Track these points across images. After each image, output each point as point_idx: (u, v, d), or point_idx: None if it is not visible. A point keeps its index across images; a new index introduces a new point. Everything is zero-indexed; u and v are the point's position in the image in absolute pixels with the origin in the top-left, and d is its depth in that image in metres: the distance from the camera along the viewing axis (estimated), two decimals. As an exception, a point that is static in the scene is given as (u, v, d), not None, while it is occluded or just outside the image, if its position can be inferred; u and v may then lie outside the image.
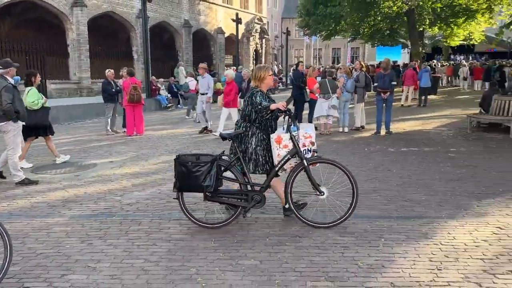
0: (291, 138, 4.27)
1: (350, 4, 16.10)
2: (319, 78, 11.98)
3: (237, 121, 4.71)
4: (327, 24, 20.40)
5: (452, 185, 5.77)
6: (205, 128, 10.96)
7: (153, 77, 18.73)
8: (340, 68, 11.82)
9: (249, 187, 4.37)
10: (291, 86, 14.03)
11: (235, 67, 24.30)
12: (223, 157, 4.37)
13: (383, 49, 37.77)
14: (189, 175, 4.14)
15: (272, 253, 3.75)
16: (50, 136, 7.51)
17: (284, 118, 4.41)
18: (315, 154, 4.41)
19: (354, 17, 18.60)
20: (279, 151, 4.31)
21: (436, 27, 24.71)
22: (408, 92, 16.87)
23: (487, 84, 20.89)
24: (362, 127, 11.00)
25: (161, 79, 19.61)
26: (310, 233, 4.17)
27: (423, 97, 16.53)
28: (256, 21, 34.88)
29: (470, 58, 38.79)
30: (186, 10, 26.89)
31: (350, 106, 11.16)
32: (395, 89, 11.32)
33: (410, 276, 3.28)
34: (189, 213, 4.40)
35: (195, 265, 3.54)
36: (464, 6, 21.29)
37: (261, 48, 36.56)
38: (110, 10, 21.06)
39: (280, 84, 29.80)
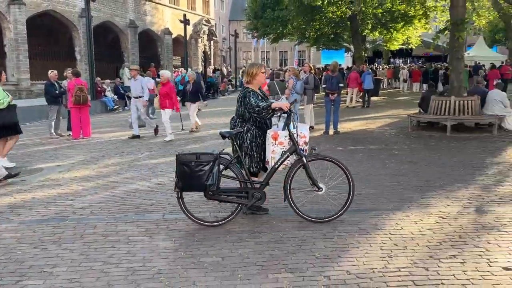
0: (290, 136, 4.33)
1: (296, 8, 16.54)
2: (268, 80, 12.18)
3: (232, 118, 4.72)
4: (275, 28, 20.81)
5: (397, 179, 6.14)
6: (135, 136, 10.17)
7: (98, 78, 18.13)
8: (289, 71, 12.11)
9: (249, 185, 4.40)
10: (240, 88, 14.12)
11: (182, 69, 24.10)
12: (222, 155, 4.39)
13: (327, 53, 39.10)
14: (192, 174, 4.13)
15: (233, 249, 3.82)
16: (18, 136, 7.22)
17: (280, 116, 4.46)
18: (313, 151, 4.50)
19: (300, 21, 19.12)
20: (274, 148, 4.36)
21: (377, 31, 25.99)
22: (352, 94, 17.60)
23: (425, 86, 22.23)
24: (312, 127, 11.34)
25: (107, 80, 19.02)
26: (269, 228, 4.29)
27: (366, 99, 17.32)
28: (204, 22, 34.77)
29: (409, 61, 41.09)
30: (131, 10, 26.26)
31: (300, 107, 11.47)
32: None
33: (364, 264, 3.49)
34: (190, 212, 4.38)
35: (156, 265, 3.54)
36: (403, 12, 22.57)
37: (210, 50, 36.49)
38: (50, 8, 20.13)
39: (229, 86, 29.91)
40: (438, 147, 8.71)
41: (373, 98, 20.07)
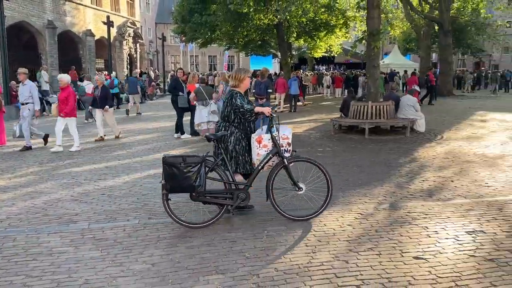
0: (272, 138, 4.53)
1: (224, 14, 16.71)
2: (197, 85, 12.18)
3: (217, 121, 4.80)
4: (203, 32, 20.80)
5: (321, 180, 6.49)
6: (27, 147, 9.23)
7: (13, 82, 16.81)
8: (219, 76, 12.22)
9: (233, 186, 4.52)
10: (168, 93, 13.92)
11: (106, 72, 23.17)
12: (207, 158, 4.45)
13: (256, 58, 39.80)
14: (180, 176, 4.21)
15: (164, 255, 3.82)
16: None
17: (262, 119, 4.51)
18: (294, 153, 4.71)
19: (228, 27, 19.32)
20: (258, 151, 4.56)
21: (302, 39, 27.03)
22: (280, 99, 18.16)
23: (346, 92, 23.54)
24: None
25: (23, 84, 17.67)
26: (200, 232, 4.34)
27: (293, 104, 17.96)
28: (129, 24, 33.71)
29: (331, 68, 43.14)
30: (49, 10, 24.71)
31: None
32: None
33: (290, 261, 3.68)
34: (175, 215, 4.43)
35: (83, 275, 3.43)
36: (325, 21, 23.73)
37: (136, 53, 35.43)
38: (-46, 4, 18.24)
39: (157, 90, 29.28)
40: (358, 149, 9.32)
41: (299, 103, 20.89)
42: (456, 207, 5.09)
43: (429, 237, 4.20)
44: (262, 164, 4.56)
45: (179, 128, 10.82)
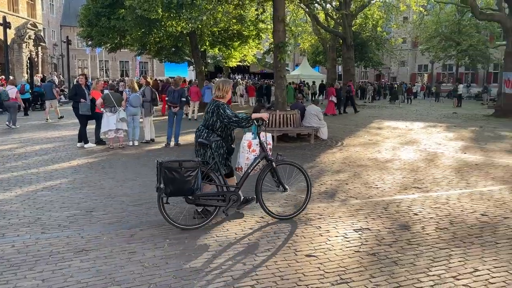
0: (260, 144, 4.90)
1: (133, 19, 16.28)
2: (106, 91, 11.71)
3: (198, 128, 5.03)
4: (112, 37, 20.00)
5: (228, 187, 6.64)
6: None
7: None
8: (125, 82, 11.89)
9: (225, 189, 4.78)
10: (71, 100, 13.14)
11: (3, 77, 21.28)
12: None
13: (171, 65, 39.31)
14: (181, 180, 4.40)
15: (56, 270, 3.65)
16: None
17: (251, 126, 4.85)
18: (279, 157, 5.09)
19: (138, 33, 18.84)
20: (248, 155, 4.91)
21: (217, 48, 27.30)
22: (194, 107, 18.12)
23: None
24: (152, 140, 11.32)
25: None
26: (97, 245, 4.20)
27: (206, 111, 18.04)
28: (30, 26, 31.22)
29: (246, 77, 44.09)
30: None
31: (140, 120, 11.32)
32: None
33: (190, 267, 3.73)
34: (169, 217, 4.56)
35: (-41, 299, 3.15)
36: (238, 31, 24.25)
37: (37, 57, 32.88)
38: None
39: (62, 96, 27.46)
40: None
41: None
42: (347, 208, 5.55)
43: (321, 236, 4.53)
44: (251, 168, 4.89)
45: (82, 137, 10.29)
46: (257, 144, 4.95)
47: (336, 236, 4.53)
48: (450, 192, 6.45)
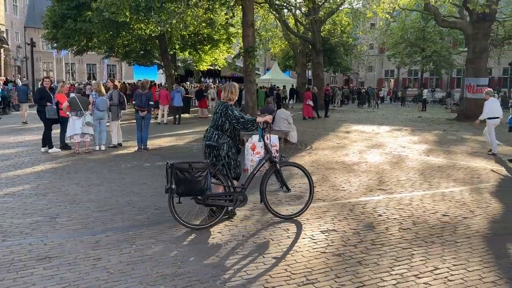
0: (265, 146, 5.06)
1: (100, 22, 15.97)
2: (73, 94, 11.43)
3: (207, 130, 5.17)
4: (78, 39, 19.52)
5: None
6: None
7: None
8: (91, 85, 11.65)
9: (232, 189, 4.96)
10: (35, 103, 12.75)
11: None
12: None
13: (140, 69, 38.76)
14: (192, 180, 4.58)
15: (17, 278, 3.54)
16: None
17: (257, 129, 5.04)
18: (283, 159, 5.32)
19: (106, 35, 18.50)
20: (252, 157, 5.09)
21: (187, 51, 27.14)
22: (164, 111, 17.94)
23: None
24: (120, 144, 11.12)
25: None
26: (60, 252, 4.10)
27: (177, 116, 17.89)
28: (-8, 27, 30.14)
29: (217, 81, 44.01)
30: None
31: (107, 123, 11.11)
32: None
33: (156, 272, 3.70)
34: (180, 217, 4.73)
35: None
36: (208, 35, 24.21)
37: None
38: None
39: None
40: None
41: (184, 115, 20.90)
42: (315, 210, 5.64)
43: (289, 238, 4.60)
44: (257, 169, 5.06)
45: (46, 141, 10.00)
46: (261, 147, 5.13)
47: (304, 238, 4.60)
48: (414, 193, 6.67)
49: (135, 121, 10.92)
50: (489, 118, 10.41)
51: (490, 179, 7.78)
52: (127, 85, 32.11)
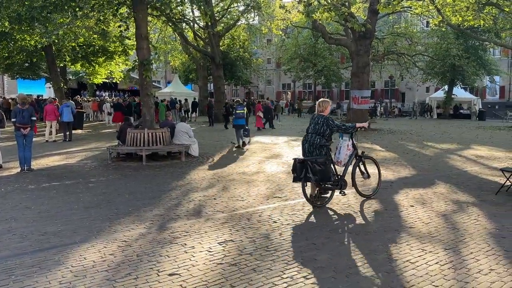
0: (353, 144, 6.82)
1: (-24, 31, 14.37)
2: None
3: (310, 136, 6.56)
4: None
5: (88, 212, 6.23)
6: None
7: None
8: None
9: (337, 177, 6.51)
10: None
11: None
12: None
13: (24, 82, 35.54)
14: (325, 170, 6.18)
15: None
16: None
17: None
18: (364, 153, 7.15)
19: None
20: (347, 152, 6.78)
21: (79, 64, 25.59)
22: (51, 127, 16.58)
23: (131, 118, 23.26)
24: (0, 166, 10.04)
25: None
26: None
27: (67, 132, 16.66)
28: None
29: (113, 95, 42.04)
30: None
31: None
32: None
33: (38, 304, 3.40)
34: (308, 196, 6.47)
35: None
36: (102, 47, 23.12)
37: None
38: None
39: None
40: (134, 176, 9.35)
41: (77, 132, 19.62)
42: (213, 222, 5.68)
43: (186, 252, 4.55)
44: (349, 162, 6.76)
45: None
46: (352, 145, 6.80)
47: (201, 251, 4.59)
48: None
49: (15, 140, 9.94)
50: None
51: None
52: (9, 100, 29.21)
